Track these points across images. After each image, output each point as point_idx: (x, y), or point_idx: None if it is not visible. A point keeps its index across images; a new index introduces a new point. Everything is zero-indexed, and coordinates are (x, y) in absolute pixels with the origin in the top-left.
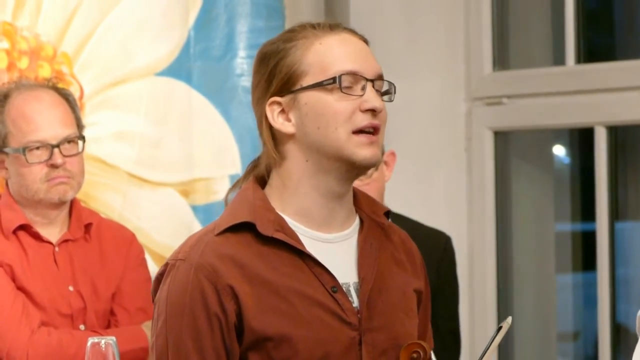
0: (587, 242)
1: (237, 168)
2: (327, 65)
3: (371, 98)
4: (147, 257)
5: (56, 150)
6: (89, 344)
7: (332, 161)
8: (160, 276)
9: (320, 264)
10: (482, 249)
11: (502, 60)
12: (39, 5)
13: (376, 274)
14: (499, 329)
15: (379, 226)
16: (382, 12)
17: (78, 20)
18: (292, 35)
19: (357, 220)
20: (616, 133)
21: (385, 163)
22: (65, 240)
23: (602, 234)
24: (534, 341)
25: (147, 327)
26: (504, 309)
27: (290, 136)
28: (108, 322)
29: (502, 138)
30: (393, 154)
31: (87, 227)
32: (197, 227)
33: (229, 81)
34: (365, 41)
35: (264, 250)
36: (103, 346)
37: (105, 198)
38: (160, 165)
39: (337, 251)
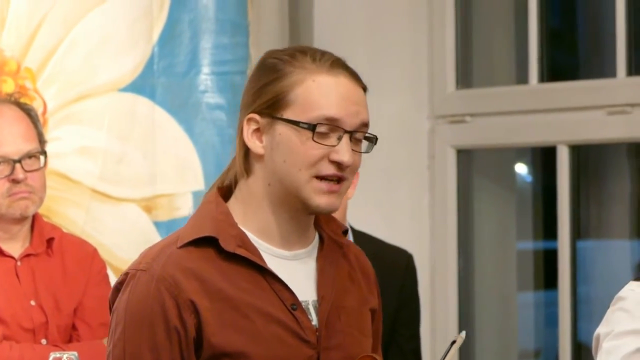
0: (548, 260)
1: (200, 184)
2: (311, 107)
3: (343, 151)
4: (109, 272)
5: (18, 165)
6: (50, 358)
7: (290, 196)
8: (119, 285)
9: (280, 280)
10: (444, 266)
11: (465, 78)
12: (3, 20)
13: (334, 292)
14: (453, 342)
15: (337, 244)
16: (346, 30)
17: (42, 35)
18: (293, 60)
19: (316, 238)
20: (579, 152)
21: None
22: (27, 255)
23: (563, 252)
24: (495, 359)
25: None
26: (465, 327)
27: (259, 156)
28: (70, 337)
29: (465, 156)
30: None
31: (49, 241)
32: None
33: (192, 97)
34: (364, 88)
35: (225, 266)
36: None
37: (68, 213)
38: (123, 181)
39: (297, 269)
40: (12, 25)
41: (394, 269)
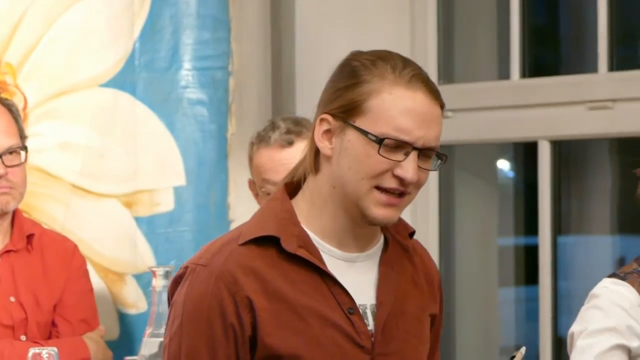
0: (529, 256)
1: (181, 180)
2: (382, 119)
3: (407, 168)
4: (90, 268)
5: None
6: (30, 354)
7: (351, 203)
8: (178, 278)
9: (339, 283)
10: None
11: (447, 74)
12: None
13: (394, 298)
14: (512, 358)
15: (402, 247)
16: (328, 24)
17: (22, 30)
18: (374, 67)
19: (381, 240)
20: (560, 147)
21: None
22: (7, 251)
23: (544, 247)
24: (477, 354)
25: (88, 339)
26: (446, 322)
27: (327, 157)
28: (50, 333)
29: (447, 151)
30: None
31: (29, 237)
32: (140, 238)
33: (173, 93)
34: (441, 105)
35: (285, 266)
36: (45, 357)
37: (48, 209)
38: (104, 177)
39: (358, 271)
40: None
41: None
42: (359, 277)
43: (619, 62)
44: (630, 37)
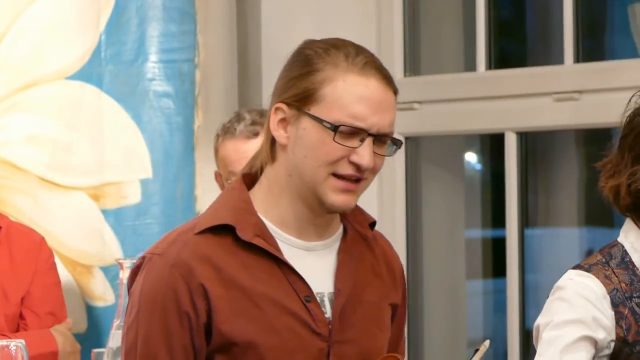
0: (497, 248)
1: (147, 172)
2: (336, 107)
3: (363, 154)
4: (57, 260)
5: None
6: None
7: (308, 191)
8: (136, 269)
9: (296, 272)
10: None
11: (413, 65)
12: None
13: (352, 286)
14: (476, 351)
15: (362, 237)
16: (294, 17)
17: None
18: (326, 55)
19: (340, 229)
20: (526, 139)
21: None
22: None
23: (511, 240)
24: (445, 347)
25: (56, 331)
26: (414, 314)
27: (283, 146)
28: (17, 326)
29: (413, 143)
30: None
31: None
32: (107, 231)
33: (140, 85)
34: (394, 91)
35: (241, 254)
36: (12, 349)
37: (15, 202)
38: (71, 169)
39: (316, 260)
40: None
41: None
42: (317, 266)
43: (584, 54)
44: (595, 29)
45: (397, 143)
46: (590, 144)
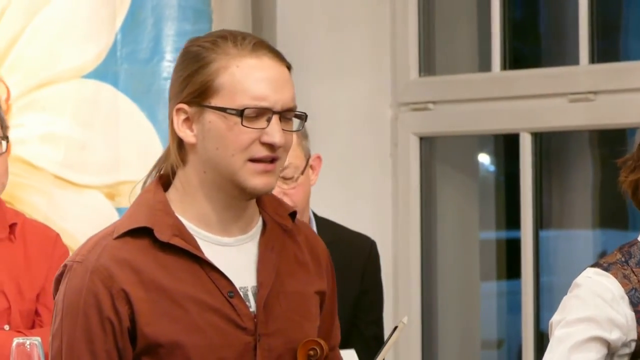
0: (511, 249)
1: None
2: (237, 93)
3: (273, 132)
4: None
5: None
6: (13, 344)
7: (227, 181)
8: (59, 277)
9: (217, 269)
10: (406, 254)
11: (428, 65)
12: None
13: (275, 277)
14: (395, 328)
15: (282, 228)
16: (309, 16)
17: (4, 22)
18: (214, 46)
19: (259, 223)
20: (541, 139)
21: (311, 167)
22: None
23: (526, 241)
24: (458, 349)
25: None
26: (428, 315)
27: (192, 145)
28: (33, 323)
29: (428, 144)
30: (319, 158)
31: (12, 227)
32: None
33: (155, 84)
34: (288, 66)
35: (161, 256)
36: (28, 346)
37: (31, 200)
38: (86, 168)
39: (237, 255)
40: None
41: (356, 256)
42: (238, 261)
43: (599, 54)
44: (610, 29)
45: (301, 117)
46: (605, 145)
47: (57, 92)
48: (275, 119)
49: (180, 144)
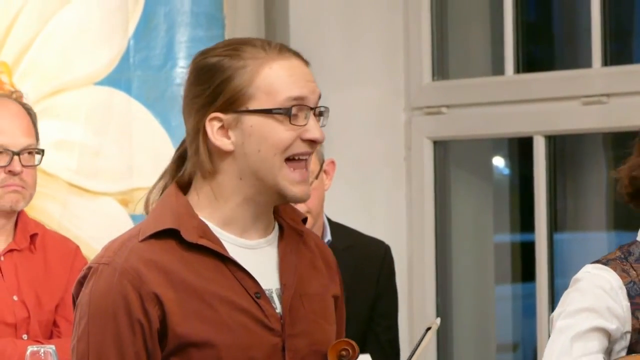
0: (526, 252)
1: None
2: (275, 92)
3: (314, 129)
4: None
5: (16, 157)
6: (28, 352)
7: (265, 187)
8: (82, 279)
9: (243, 269)
10: (421, 258)
11: (441, 69)
12: None
13: (297, 280)
14: (428, 329)
15: (297, 232)
16: (322, 21)
17: (17, 29)
18: (240, 53)
19: (276, 227)
20: (555, 142)
21: (325, 172)
22: (11, 250)
23: (541, 244)
24: (473, 352)
25: None
26: (443, 319)
27: (228, 153)
28: (51, 333)
29: (442, 147)
30: (333, 162)
31: (33, 237)
32: None
33: (168, 90)
34: (308, 64)
35: (188, 257)
36: (42, 355)
37: (45, 207)
38: (100, 175)
39: (260, 257)
40: None
41: (371, 260)
42: (261, 263)
43: (612, 57)
44: (623, 32)
45: (325, 113)
46: (619, 147)
47: (71, 99)
48: (312, 115)
49: (210, 154)
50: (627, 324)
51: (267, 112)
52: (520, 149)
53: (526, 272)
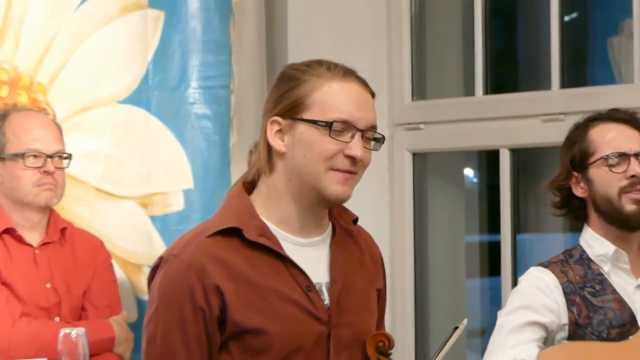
0: (492, 251)
1: (189, 183)
2: (328, 108)
3: (355, 147)
4: (112, 261)
5: (49, 160)
6: (61, 334)
7: (309, 188)
8: (155, 268)
9: (297, 265)
10: (402, 256)
11: (419, 91)
12: (18, 41)
13: (345, 275)
14: (455, 329)
15: (348, 232)
16: (317, 48)
17: (52, 54)
18: (309, 69)
19: (330, 227)
20: (518, 155)
21: None
22: (44, 244)
23: (505, 244)
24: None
25: (114, 321)
26: (420, 308)
27: (281, 154)
28: (79, 316)
29: (420, 159)
30: None
31: (63, 231)
32: (155, 234)
33: (182, 108)
34: (372, 94)
35: (248, 253)
36: (74, 336)
37: (76, 210)
38: (123, 181)
39: (312, 254)
40: (26, 45)
41: None
42: (313, 259)
43: (569, 80)
44: (578, 59)
45: (379, 140)
46: None
47: (97, 116)
48: (358, 135)
49: (269, 153)
50: (563, 317)
51: (313, 122)
52: (488, 161)
53: (493, 268)
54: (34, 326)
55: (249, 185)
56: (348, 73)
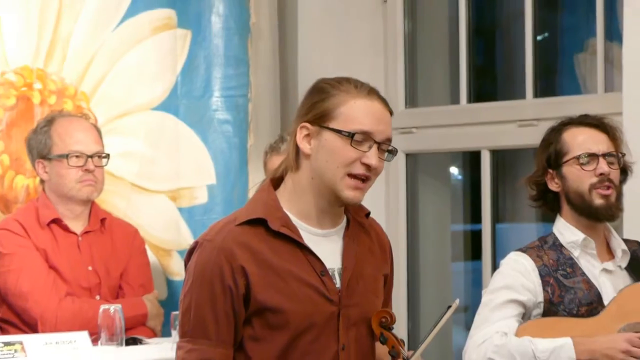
0: (474, 238)
1: (212, 179)
2: (351, 121)
3: (372, 157)
4: (146, 246)
5: (90, 159)
6: (101, 310)
7: (327, 188)
8: (191, 250)
9: (313, 253)
10: (396, 244)
11: (412, 100)
12: (64, 56)
13: (355, 262)
14: (448, 307)
15: (360, 225)
16: (325, 63)
17: (93, 67)
18: (339, 85)
19: (344, 219)
20: (497, 156)
21: None
22: (87, 232)
23: (486, 232)
24: (435, 313)
25: (146, 299)
26: (412, 288)
27: (307, 155)
28: (117, 295)
29: (412, 159)
30: None
31: (103, 221)
32: (182, 224)
33: (207, 115)
34: (390, 112)
35: (271, 241)
36: (112, 312)
37: (114, 202)
38: (155, 177)
39: (328, 243)
40: (72, 60)
41: None
42: (328, 248)
43: (541, 91)
44: (549, 71)
45: (393, 152)
46: None
47: (133, 121)
48: (375, 146)
49: (297, 153)
50: (539, 296)
51: (337, 131)
52: (471, 160)
53: (475, 253)
54: (78, 304)
55: (277, 181)
56: (372, 92)
